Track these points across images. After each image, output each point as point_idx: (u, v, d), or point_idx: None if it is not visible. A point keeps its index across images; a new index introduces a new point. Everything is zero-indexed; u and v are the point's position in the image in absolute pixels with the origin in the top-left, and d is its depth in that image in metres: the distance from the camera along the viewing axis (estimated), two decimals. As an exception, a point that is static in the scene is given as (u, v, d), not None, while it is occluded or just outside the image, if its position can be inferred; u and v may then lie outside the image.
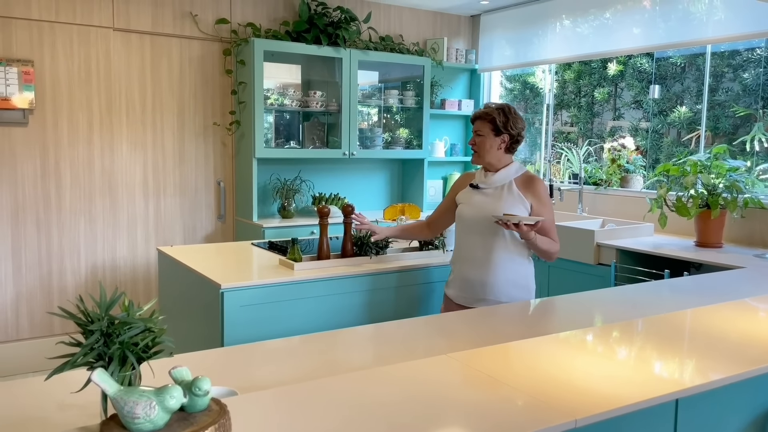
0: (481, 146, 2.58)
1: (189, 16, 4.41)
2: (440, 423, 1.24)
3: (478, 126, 2.58)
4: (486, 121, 2.56)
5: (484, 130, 2.56)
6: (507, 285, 2.51)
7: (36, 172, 4.03)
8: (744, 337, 1.83)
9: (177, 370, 1.13)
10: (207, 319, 2.61)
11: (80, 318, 1.15)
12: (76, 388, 1.25)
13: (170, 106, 4.46)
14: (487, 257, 2.51)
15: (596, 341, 1.81)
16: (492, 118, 2.55)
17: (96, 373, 1.06)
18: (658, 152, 4.64)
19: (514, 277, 2.52)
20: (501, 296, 2.51)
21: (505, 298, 2.50)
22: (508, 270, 2.51)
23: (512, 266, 2.52)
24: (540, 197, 2.54)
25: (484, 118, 2.57)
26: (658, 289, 2.64)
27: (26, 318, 4.09)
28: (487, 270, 2.51)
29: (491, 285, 2.50)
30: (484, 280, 2.51)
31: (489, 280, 2.51)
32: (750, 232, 3.75)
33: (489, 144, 2.56)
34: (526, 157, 5.65)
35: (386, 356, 1.78)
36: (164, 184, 4.49)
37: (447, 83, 5.57)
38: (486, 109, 2.59)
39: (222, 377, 1.56)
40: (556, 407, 1.30)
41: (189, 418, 1.09)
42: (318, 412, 1.26)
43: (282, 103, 4.67)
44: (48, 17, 3.96)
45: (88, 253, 4.25)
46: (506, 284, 2.51)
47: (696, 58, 4.36)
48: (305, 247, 3.19)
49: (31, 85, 3.91)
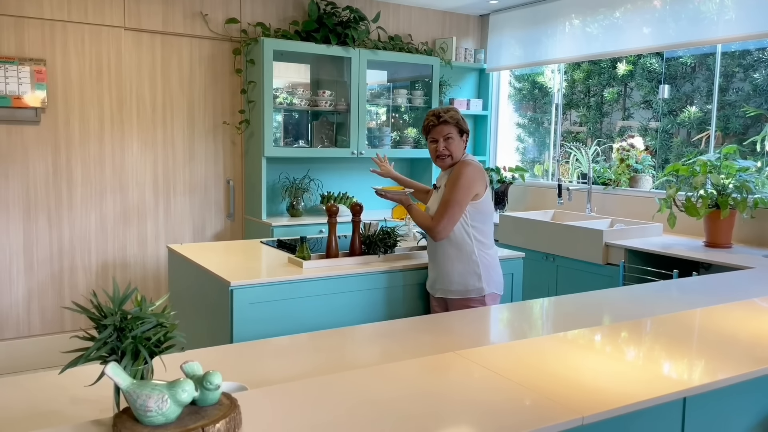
0: (454, 149, 2.68)
1: (199, 15, 4.44)
2: (448, 420, 1.25)
3: (448, 130, 2.67)
4: (451, 124, 2.67)
5: (453, 132, 2.68)
6: (454, 274, 2.65)
7: (48, 169, 4.07)
8: (753, 338, 1.83)
9: (188, 364, 1.14)
10: (216, 316, 2.63)
11: (94, 313, 1.17)
12: (88, 383, 1.27)
13: (180, 104, 4.49)
14: (436, 250, 2.71)
15: (604, 340, 1.82)
16: (456, 120, 2.69)
17: (109, 366, 1.08)
18: (668, 152, 4.62)
19: (462, 266, 2.65)
20: (451, 285, 2.67)
21: (455, 286, 2.67)
22: (453, 261, 2.66)
23: (458, 256, 2.65)
24: (450, 179, 2.65)
25: (449, 122, 2.67)
26: (667, 289, 2.63)
27: (38, 314, 4.13)
28: (437, 261, 2.71)
29: (442, 275, 2.69)
30: (438, 270, 2.71)
31: (440, 270, 2.70)
32: (760, 233, 3.74)
33: (457, 145, 2.68)
34: (534, 156, 5.64)
35: (394, 353, 1.79)
36: (174, 183, 4.52)
37: (456, 83, 5.57)
38: (446, 114, 2.69)
39: (231, 372, 1.58)
40: (564, 405, 1.31)
41: (200, 412, 1.11)
42: (327, 408, 1.27)
43: (291, 102, 4.69)
44: (60, 17, 4.00)
45: (98, 250, 4.28)
46: (454, 273, 2.65)
47: (706, 57, 4.34)
48: (314, 246, 3.21)
49: (43, 84, 3.94)
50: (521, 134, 5.75)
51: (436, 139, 2.68)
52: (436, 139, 2.68)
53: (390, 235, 2.95)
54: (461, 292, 2.65)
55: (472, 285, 2.64)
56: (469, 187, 2.60)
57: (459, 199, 2.58)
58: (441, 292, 2.71)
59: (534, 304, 2.42)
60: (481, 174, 2.66)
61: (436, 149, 2.69)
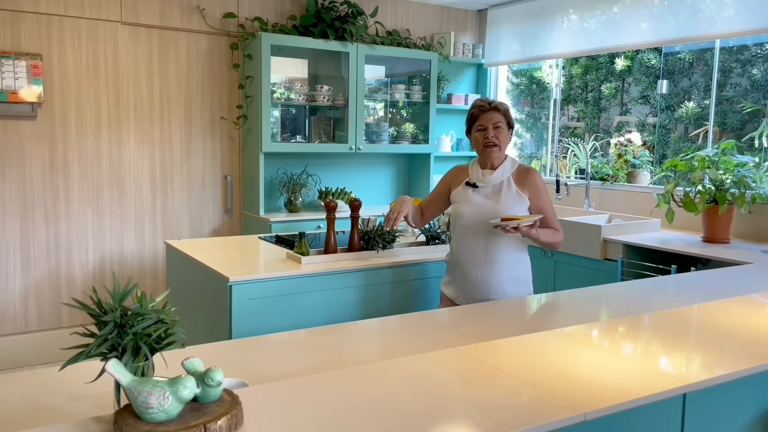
0: (503, 140, 2.49)
1: (196, 10, 4.42)
2: (449, 415, 1.25)
3: (498, 118, 2.47)
4: (501, 113, 2.50)
5: (503, 123, 2.50)
6: (509, 282, 2.48)
7: (44, 165, 4.05)
8: (751, 333, 1.83)
9: (190, 360, 1.14)
10: (215, 312, 2.63)
11: (94, 309, 1.16)
12: (88, 379, 1.27)
13: (177, 100, 4.47)
14: (489, 257, 2.47)
15: (603, 336, 1.82)
16: (506, 109, 2.52)
17: (110, 363, 1.08)
18: (666, 148, 4.62)
19: (516, 274, 2.51)
20: (503, 294, 2.48)
21: (506, 296, 2.48)
22: (509, 268, 2.49)
23: (513, 264, 2.50)
24: (537, 189, 2.49)
25: (500, 109, 2.50)
26: (665, 285, 2.64)
27: (35, 310, 4.11)
28: (489, 269, 2.47)
29: (494, 284, 2.47)
30: (486, 279, 2.47)
31: (491, 279, 2.47)
32: (758, 228, 3.74)
33: (506, 136, 2.51)
34: (532, 152, 5.64)
35: (394, 349, 1.79)
36: (171, 178, 4.51)
37: (454, 78, 5.56)
38: (493, 101, 2.53)
39: (231, 369, 1.57)
40: (566, 401, 1.31)
41: (202, 408, 1.10)
42: (328, 404, 1.27)
43: (289, 97, 4.68)
44: (56, 11, 3.97)
45: (96, 246, 4.27)
46: (508, 282, 2.48)
47: (704, 53, 4.34)
48: (312, 241, 3.20)
49: (39, 78, 3.92)
50: (519, 129, 5.75)
51: (485, 127, 2.46)
52: (485, 127, 2.46)
53: (389, 230, 2.95)
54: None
55: (520, 292, 2.50)
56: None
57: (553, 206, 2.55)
58: (480, 300, 2.46)
59: (532, 299, 2.42)
60: None
61: (486, 137, 2.46)
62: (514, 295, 2.48)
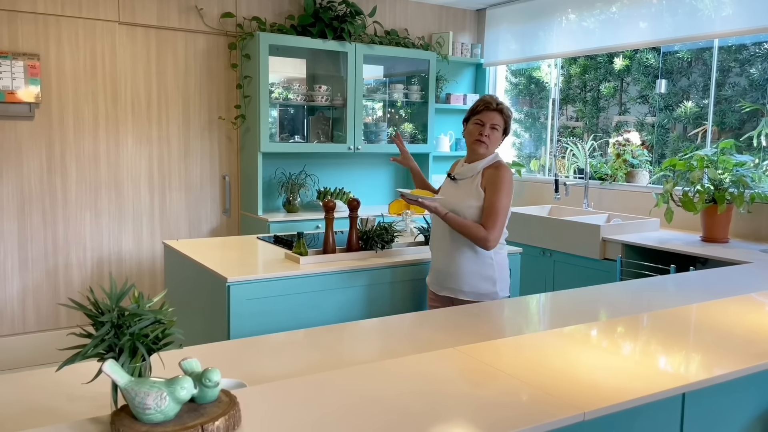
0: (493, 142, 2.58)
1: (194, 9, 4.41)
2: (448, 416, 1.24)
3: (498, 120, 2.55)
4: (503, 117, 2.57)
5: (500, 125, 2.57)
6: (470, 276, 2.55)
7: (42, 165, 4.04)
8: (750, 332, 1.83)
9: (187, 361, 1.13)
10: (213, 313, 2.62)
11: (91, 310, 1.16)
12: (85, 380, 1.26)
13: (175, 100, 4.46)
14: (450, 247, 2.58)
15: (602, 336, 1.81)
16: (509, 116, 2.60)
17: (107, 364, 1.07)
18: (664, 147, 4.62)
19: (477, 268, 2.55)
20: (463, 285, 2.56)
21: (468, 287, 2.56)
22: (470, 261, 2.55)
23: (475, 258, 2.55)
24: (493, 185, 2.52)
25: (504, 113, 2.57)
26: (664, 284, 2.64)
27: (32, 311, 4.10)
28: (450, 260, 2.58)
29: (453, 275, 2.57)
30: (448, 269, 2.59)
31: (452, 270, 2.58)
32: (756, 228, 3.74)
33: (497, 139, 2.59)
34: (531, 152, 5.64)
35: (392, 349, 1.78)
36: (169, 178, 4.50)
37: (452, 78, 5.56)
38: (501, 103, 2.58)
39: (229, 369, 1.57)
40: (565, 400, 1.31)
41: (199, 409, 1.10)
42: (326, 404, 1.26)
43: (287, 97, 4.67)
44: (54, 11, 3.96)
45: (93, 246, 4.26)
46: (469, 275, 2.55)
47: (703, 52, 4.33)
48: (311, 241, 3.20)
49: (36, 78, 3.91)
50: (518, 129, 5.74)
51: (483, 123, 2.54)
52: (483, 123, 2.54)
53: (387, 230, 2.95)
54: (474, 294, 2.55)
55: (486, 289, 2.56)
56: (511, 192, 2.55)
57: (507, 205, 2.53)
58: (449, 291, 2.60)
59: (531, 299, 2.42)
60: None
61: (480, 132, 2.54)
62: (482, 290, 2.55)
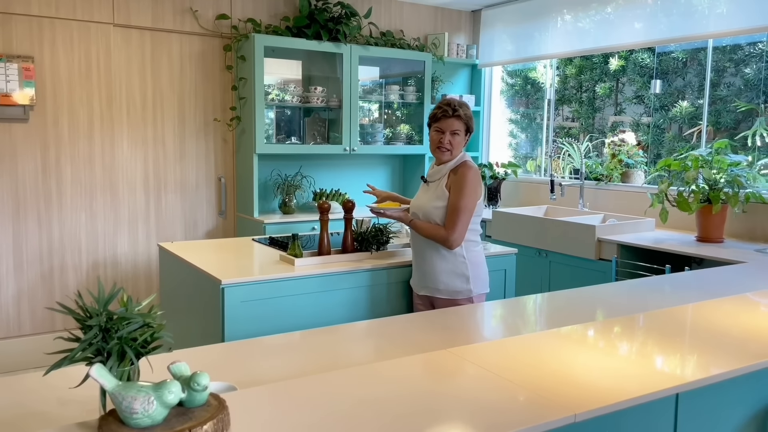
0: (456, 146, 2.61)
1: (189, 11, 4.40)
2: (440, 418, 1.24)
3: (458, 126, 2.58)
4: (463, 121, 2.59)
5: (461, 130, 2.60)
6: (443, 274, 2.60)
7: (37, 168, 4.03)
8: (745, 332, 1.83)
9: (175, 365, 1.12)
10: (208, 315, 2.62)
11: (78, 313, 1.15)
12: (77, 384, 1.25)
13: (171, 102, 4.45)
14: (423, 248, 2.65)
15: (597, 336, 1.81)
16: (468, 118, 2.61)
17: (94, 368, 1.06)
18: (660, 147, 4.62)
19: (450, 266, 2.60)
20: (438, 284, 2.62)
21: (442, 286, 2.62)
22: (442, 260, 2.60)
23: (447, 256, 2.60)
24: (456, 185, 2.57)
25: (462, 118, 2.59)
26: (659, 284, 2.64)
27: (28, 314, 4.09)
28: (423, 260, 2.65)
29: (429, 274, 2.63)
30: (424, 269, 2.66)
31: (427, 269, 2.64)
32: (751, 227, 3.75)
33: (459, 142, 2.61)
34: (527, 152, 5.64)
35: (386, 351, 1.78)
36: (165, 181, 4.49)
37: (448, 78, 5.56)
38: (460, 108, 2.59)
39: (222, 372, 1.56)
40: (556, 402, 1.30)
41: (187, 413, 1.09)
42: (317, 408, 1.26)
43: (283, 98, 4.66)
44: (48, 13, 3.95)
45: (89, 249, 4.25)
46: (442, 273, 2.60)
47: (698, 52, 4.34)
48: (306, 243, 3.19)
49: (31, 81, 3.90)
50: (514, 130, 5.74)
51: (443, 131, 2.58)
52: (443, 131, 2.58)
53: (382, 231, 2.94)
54: (449, 292, 2.60)
55: (460, 287, 2.60)
56: (475, 192, 2.57)
57: (469, 205, 2.56)
58: (426, 290, 2.67)
59: (526, 300, 2.41)
60: (480, 176, 2.65)
61: (441, 141, 2.59)
62: (456, 288, 2.60)
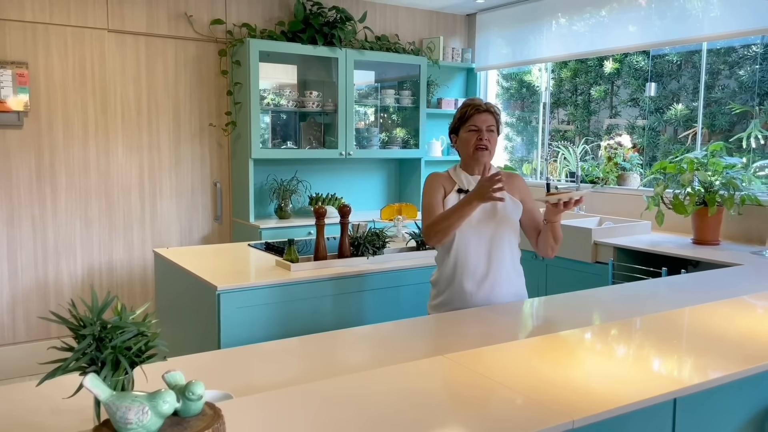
0: (494, 144, 2.36)
1: (184, 16, 4.40)
2: (438, 424, 1.23)
3: (492, 121, 2.34)
4: (495, 117, 2.36)
5: (495, 127, 2.36)
6: (510, 298, 2.38)
7: (31, 174, 4.02)
8: (742, 335, 1.82)
9: (170, 374, 1.11)
10: (204, 321, 2.60)
11: (72, 322, 1.14)
12: (71, 393, 1.24)
13: (165, 107, 4.44)
14: (491, 271, 2.33)
15: (594, 340, 1.80)
16: (499, 114, 2.41)
17: (88, 378, 1.05)
18: (655, 150, 4.63)
19: (516, 289, 2.41)
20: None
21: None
22: (510, 282, 2.38)
23: (512, 277, 2.39)
24: (528, 193, 2.46)
25: (495, 115, 2.36)
26: (656, 287, 2.63)
27: (22, 321, 4.07)
28: (491, 285, 2.33)
29: (496, 300, 2.34)
30: (488, 295, 2.32)
31: (493, 295, 2.33)
32: (747, 230, 3.75)
33: (495, 142, 2.38)
34: (523, 155, 5.64)
35: (383, 357, 1.77)
36: (160, 186, 4.48)
37: (443, 82, 5.56)
38: (492, 105, 2.40)
39: (218, 380, 1.55)
40: (554, 408, 1.29)
41: (182, 423, 1.08)
42: (315, 415, 1.25)
43: (278, 103, 4.66)
44: (42, 19, 3.94)
45: (84, 255, 4.23)
46: (509, 297, 2.38)
47: (692, 55, 4.35)
48: (302, 248, 3.18)
49: (25, 87, 3.89)
50: (509, 133, 5.75)
51: (479, 128, 2.31)
52: (479, 128, 2.31)
53: (378, 236, 2.94)
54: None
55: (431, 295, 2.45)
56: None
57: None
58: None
59: (523, 304, 2.40)
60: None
61: (479, 138, 2.30)
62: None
